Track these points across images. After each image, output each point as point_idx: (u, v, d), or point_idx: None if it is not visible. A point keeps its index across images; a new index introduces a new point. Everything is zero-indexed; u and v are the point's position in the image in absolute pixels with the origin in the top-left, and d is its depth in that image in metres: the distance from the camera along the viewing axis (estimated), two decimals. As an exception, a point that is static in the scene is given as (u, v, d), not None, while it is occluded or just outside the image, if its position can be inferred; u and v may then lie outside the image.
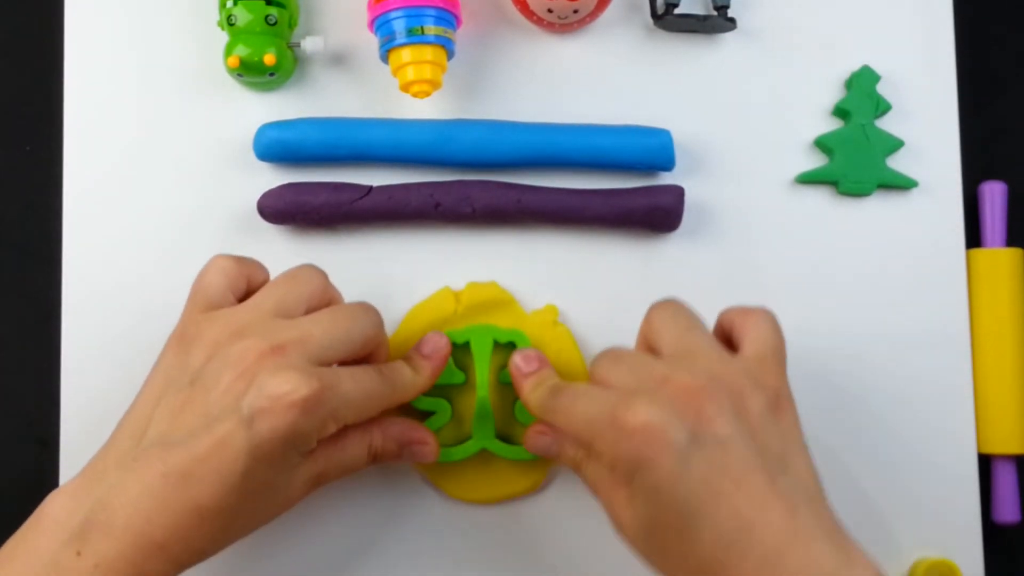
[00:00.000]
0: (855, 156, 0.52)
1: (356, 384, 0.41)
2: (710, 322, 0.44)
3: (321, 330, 0.40)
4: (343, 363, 0.42)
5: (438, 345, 0.46)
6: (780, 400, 0.40)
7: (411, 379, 0.44)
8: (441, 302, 0.50)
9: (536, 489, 0.50)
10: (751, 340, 0.42)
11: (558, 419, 0.42)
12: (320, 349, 0.40)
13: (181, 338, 0.42)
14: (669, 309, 0.43)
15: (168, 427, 0.39)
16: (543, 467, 0.50)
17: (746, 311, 0.43)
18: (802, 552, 0.35)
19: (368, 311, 0.43)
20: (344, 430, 0.42)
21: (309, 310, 0.42)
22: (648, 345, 0.43)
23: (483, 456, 0.49)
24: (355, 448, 0.43)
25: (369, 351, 0.44)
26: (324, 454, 0.42)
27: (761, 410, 0.39)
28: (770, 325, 0.42)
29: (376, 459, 0.45)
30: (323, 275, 0.44)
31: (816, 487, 0.39)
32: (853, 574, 0.36)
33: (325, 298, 0.44)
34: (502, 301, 0.50)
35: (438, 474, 0.49)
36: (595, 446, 0.39)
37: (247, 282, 0.44)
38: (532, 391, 0.44)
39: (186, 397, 0.39)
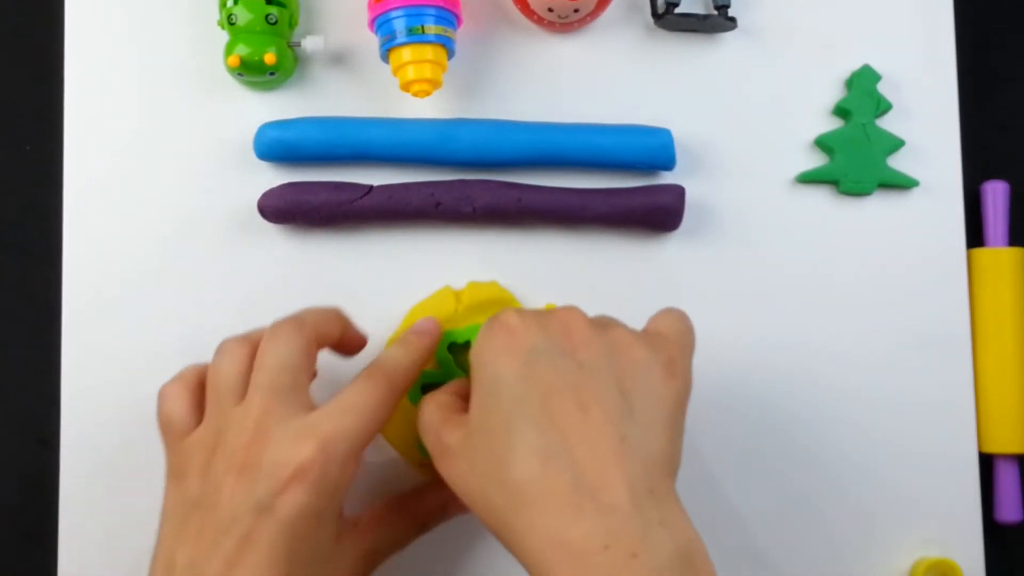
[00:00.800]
0: (856, 155, 0.52)
1: (351, 410, 0.40)
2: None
3: (269, 380, 0.39)
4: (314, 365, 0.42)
5: (429, 325, 0.46)
6: (672, 367, 0.38)
7: (404, 359, 0.43)
8: (442, 301, 0.50)
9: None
10: (658, 325, 0.41)
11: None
12: (284, 387, 0.39)
13: (173, 475, 0.41)
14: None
15: (193, 551, 0.37)
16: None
17: (662, 309, 0.42)
18: (616, 494, 0.34)
19: (288, 321, 0.42)
20: (391, 507, 0.44)
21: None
22: None
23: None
24: (403, 523, 0.44)
25: (329, 336, 0.43)
26: (372, 531, 0.42)
27: (641, 363, 0.37)
28: (681, 318, 0.41)
29: (423, 529, 0.45)
30: (241, 340, 0.42)
31: (662, 454, 0.36)
32: (655, 534, 0.33)
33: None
34: (503, 300, 0.50)
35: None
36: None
37: (200, 390, 0.42)
38: None
39: (198, 521, 0.38)
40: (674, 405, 0.38)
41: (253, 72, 0.49)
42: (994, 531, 0.53)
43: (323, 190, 0.49)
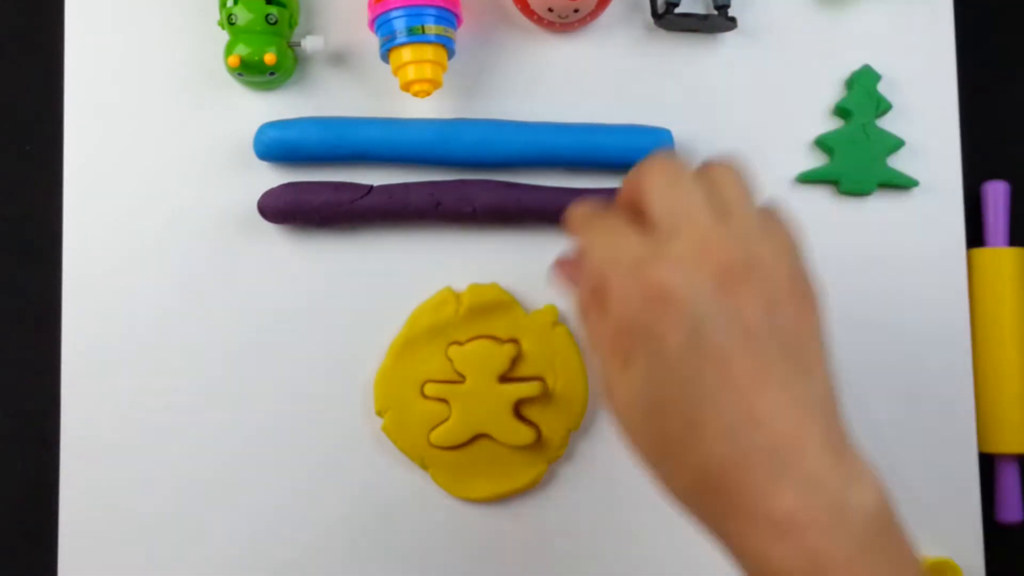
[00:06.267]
0: (856, 155, 0.52)
1: None
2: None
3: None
4: None
5: None
6: (811, 296, 0.36)
7: None
8: (442, 304, 0.50)
9: (536, 485, 0.50)
10: (777, 229, 0.37)
11: (584, 239, 0.37)
12: None
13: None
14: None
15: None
16: (543, 462, 0.50)
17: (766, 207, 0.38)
18: (808, 464, 0.33)
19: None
20: None
21: None
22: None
23: (483, 454, 0.49)
24: None
25: None
26: None
27: (792, 306, 0.35)
28: (781, 217, 0.38)
29: None
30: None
31: (831, 396, 0.36)
32: (854, 491, 0.33)
33: None
34: (503, 302, 0.50)
35: (439, 473, 0.49)
36: (607, 293, 0.35)
37: None
38: (580, 206, 0.39)
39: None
40: (821, 331, 0.36)
41: (253, 72, 0.49)
42: (994, 531, 0.53)
43: (323, 190, 0.49)
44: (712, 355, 0.33)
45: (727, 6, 0.52)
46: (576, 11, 0.49)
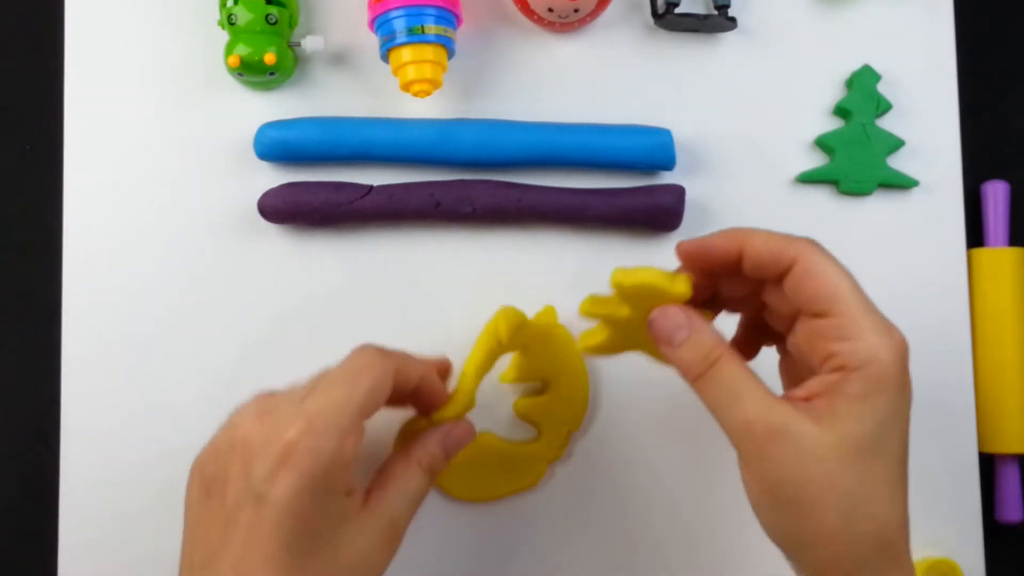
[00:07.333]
0: (856, 155, 0.52)
1: (339, 382, 0.38)
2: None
3: (323, 397, 0.37)
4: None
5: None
6: None
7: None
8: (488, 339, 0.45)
9: (535, 486, 0.50)
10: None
11: (708, 394, 0.39)
12: (326, 414, 0.36)
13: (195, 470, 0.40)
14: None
15: (204, 549, 0.37)
16: (542, 463, 0.50)
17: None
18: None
19: (365, 367, 0.39)
20: (387, 464, 0.40)
21: None
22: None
23: (483, 453, 0.49)
24: (409, 476, 0.40)
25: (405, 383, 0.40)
26: (380, 496, 0.39)
27: None
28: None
29: (433, 472, 0.41)
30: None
31: None
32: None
33: None
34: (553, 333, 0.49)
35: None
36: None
37: None
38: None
39: (208, 513, 0.37)
40: None
41: (253, 72, 0.49)
42: (994, 531, 0.53)
43: (323, 190, 0.49)
44: (906, 425, 0.37)
45: (727, 6, 0.52)
46: (576, 11, 0.49)
